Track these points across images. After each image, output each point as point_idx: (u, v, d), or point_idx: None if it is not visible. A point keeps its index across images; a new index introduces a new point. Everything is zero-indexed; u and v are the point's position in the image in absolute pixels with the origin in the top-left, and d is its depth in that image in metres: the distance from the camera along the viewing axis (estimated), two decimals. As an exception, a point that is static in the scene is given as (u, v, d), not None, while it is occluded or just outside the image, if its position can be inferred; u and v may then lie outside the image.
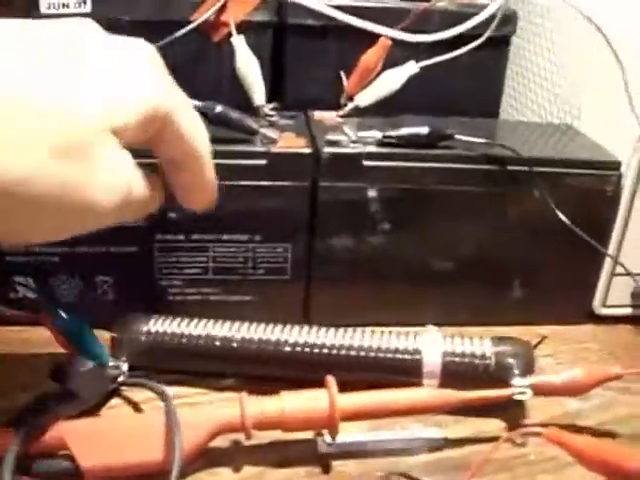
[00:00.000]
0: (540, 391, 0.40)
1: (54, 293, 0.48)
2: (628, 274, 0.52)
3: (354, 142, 0.48)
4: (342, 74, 0.52)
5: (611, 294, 0.54)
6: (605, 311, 0.54)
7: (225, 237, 0.48)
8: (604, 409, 0.43)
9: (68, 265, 0.47)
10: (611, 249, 0.52)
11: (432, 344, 0.42)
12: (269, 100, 0.53)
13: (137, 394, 0.41)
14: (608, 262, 0.53)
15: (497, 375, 0.41)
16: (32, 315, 0.40)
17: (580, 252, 0.51)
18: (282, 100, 0.55)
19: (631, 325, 0.54)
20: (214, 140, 0.43)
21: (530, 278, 0.52)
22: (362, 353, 0.42)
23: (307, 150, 0.47)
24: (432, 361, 0.41)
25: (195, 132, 0.37)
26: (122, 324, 0.43)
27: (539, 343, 0.45)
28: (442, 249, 0.50)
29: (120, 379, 0.41)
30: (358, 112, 0.53)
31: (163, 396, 0.38)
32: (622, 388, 0.44)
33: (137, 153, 0.34)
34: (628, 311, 0.54)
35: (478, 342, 0.42)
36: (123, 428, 0.36)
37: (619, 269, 0.53)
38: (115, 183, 0.32)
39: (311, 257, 0.49)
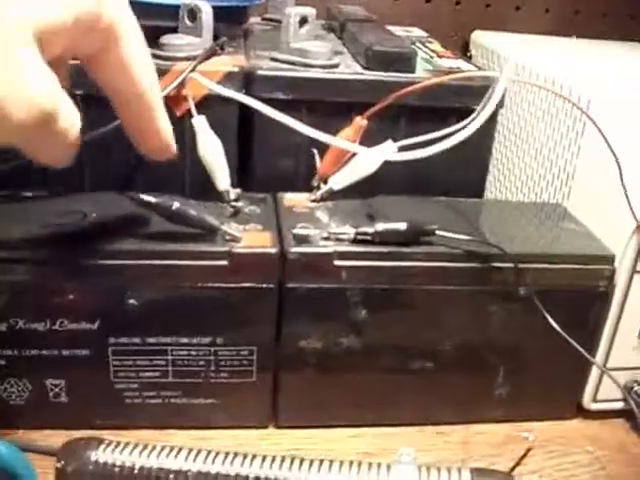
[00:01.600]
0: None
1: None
2: (619, 369, 0.50)
3: (325, 238, 0.45)
4: (315, 153, 0.50)
5: (601, 388, 0.52)
6: (595, 406, 0.52)
7: (185, 340, 0.45)
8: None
9: (17, 368, 0.44)
10: (602, 346, 0.50)
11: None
12: (238, 177, 0.50)
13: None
14: (598, 358, 0.50)
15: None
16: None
17: (569, 349, 0.48)
18: (251, 177, 0.52)
19: (622, 419, 0.52)
20: (173, 237, 0.41)
21: (515, 375, 0.49)
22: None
23: (272, 250, 0.44)
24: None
25: (142, 61, 0.34)
26: (68, 451, 0.40)
27: (523, 457, 0.43)
28: (421, 348, 0.47)
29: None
30: (332, 195, 0.50)
31: None
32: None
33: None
34: (619, 405, 0.52)
35: (456, 476, 0.39)
36: None
37: (611, 363, 0.51)
38: (36, 97, 0.28)
39: (278, 360, 0.46)
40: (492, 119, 0.52)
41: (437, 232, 0.45)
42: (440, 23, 0.72)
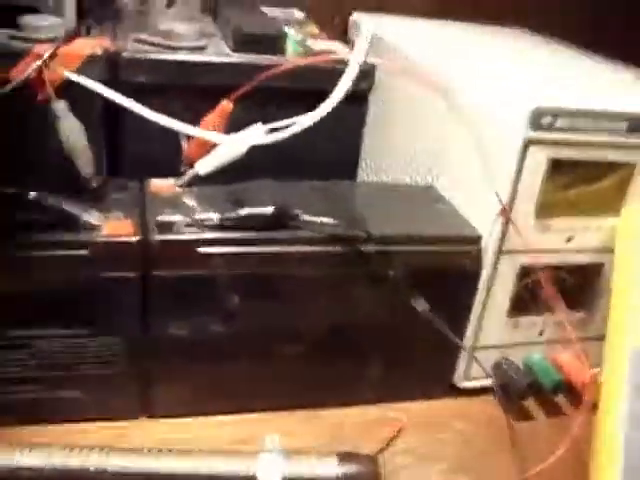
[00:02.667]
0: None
1: None
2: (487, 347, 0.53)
3: (189, 225, 0.45)
4: (182, 138, 0.49)
5: (473, 367, 0.54)
6: (467, 384, 0.54)
7: (49, 332, 0.45)
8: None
9: None
10: (472, 325, 0.52)
11: (270, 468, 0.40)
12: (108, 162, 0.50)
13: None
14: (469, 337, 0.52)
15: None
16: None
17: (436, 328, 0.50)
18: (121, 163, 0.52)
19: (490, 396, 0.54)
20: (30, 227, 0.41)
21: (387, 357, 0.51)
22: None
23: (134, 238, 0.44)
24: (268, 486, 0.39)
25: None
26: None
27: (392, 438, 0.45)
28: (290, 333, 0.48)
29: None
30: (200, 179, 0.50)
31: None
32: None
33: None
34: (488, 382, 0.54)
35: (322, 462, 0.40)
36: None
37: (482, 341, 0.53)
38: None
39: (146, 349, 0.46)
40: (361, 101, 0.53)
41: (302, 217, 0.46)
42: (322, 4, 0.72)
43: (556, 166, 0.48)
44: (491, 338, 0.53)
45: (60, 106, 0.46)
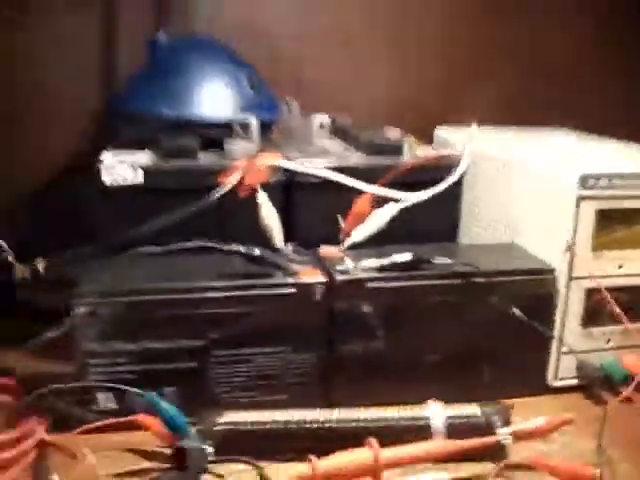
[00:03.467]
0: (518, 436, 0.59)
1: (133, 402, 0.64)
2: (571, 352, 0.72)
3: (357, 270, 0.67)
4: (339, 217, 0.72)
5: (560, 369, 0.73)
6: (557, 383, 0.74)
7: (265, 350, 0.66)
8: (564, 447, 0.62)
9: (142, 380, 0.64)
10: (556, 334, 0.72)
11: (436, 412, 0.60)
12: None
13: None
14: (556, 343, 0.72)
15: (486, 428, 0.59)
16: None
17: (532, 340, 0.70)
18: (293, 240, 0.74)
19: (579, 393, 0.73)
20: (255, 276, 0.63)
21: (496, 364, 0.70)
22: (390, 423, 0.60)
23: (323, 279, 0.66)
24: (438, 424, 0.59)
25: None
26: (202, 419, 0.60)
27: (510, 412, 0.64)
28: (429, 346, 0.69)
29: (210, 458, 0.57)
30: (354, 246, 0.72)
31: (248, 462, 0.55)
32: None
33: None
34: (575, 382, 0.74)
35: (470, 407, 0.61)
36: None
37: (565, 348, 0.73)
38: None
39: (330, 362, 0.67)
40: (458, 184, 0.76)
41: (432, 260, 0.68)
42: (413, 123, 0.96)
43: (603, 215, 0.70)
44: (572, 345, 0.73)
45: (263, 196, 0.69)
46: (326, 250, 0.72)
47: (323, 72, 1.01)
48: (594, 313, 0.73)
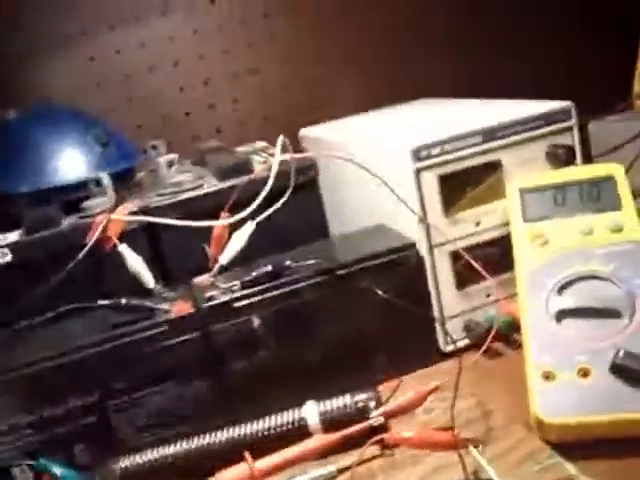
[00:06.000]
0: (391, 414, 0.63)
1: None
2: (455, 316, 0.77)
3: (224, 293, 0.71)
4: (205, 246, 0.76)
5: (450, 334, 0.77)
6: (450, 348, 0.78)
7: (156, 388, 0.70)
8: (445, 413, 0.66)
9: (50, 446, 0.68)
10: (434, 302, 0.76)
11: (311, 411, 0.64)
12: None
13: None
14: (437, 311, 0.76)
15: (359, 414, 0.64)
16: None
17: (413, 315, 0.74)
18: (169, 276, 0.78)
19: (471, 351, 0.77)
20: (127, 323, 0.67)
21: (386, 348, 0.74)
22: (270, 432, 0.64)
23: (192, 310, 0.70)
24: (314, 422, 0.64)
25: None
26: (100, 469, 0.64)
27: (395, 390, 0.68)
28: (314, 347, 0.73)
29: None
30: (224, 269, 0.76)
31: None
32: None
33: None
34: (466, 341, 0.78)
35: (342, 398, 0.65)
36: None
37: (448, 312, 0.77)
38: None
39: (219, 385, 0.71)
40: (313, 186, 0.81)
41: (292, 265, 0.72)
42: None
43: (446, 178, 0.74)
44: (453, 309, 0.77)
45: (124, 247, 0.74)
46: (199, 280, 0.76)
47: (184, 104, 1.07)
48: (467, 273, 0.77)
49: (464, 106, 0.93)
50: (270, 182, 0.72)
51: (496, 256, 0.77)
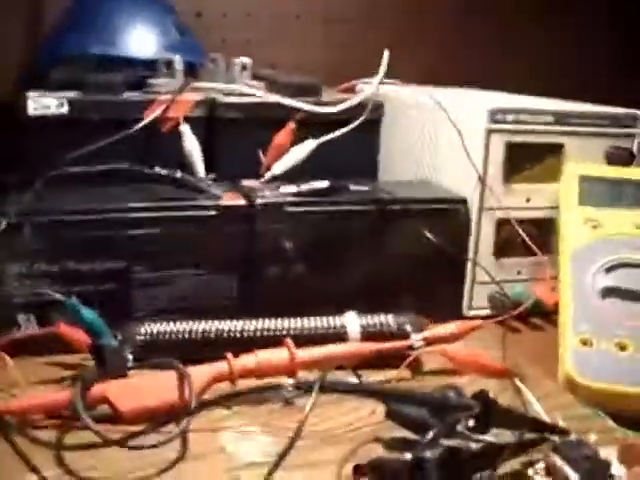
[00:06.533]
0: (430, 341, 0.63)
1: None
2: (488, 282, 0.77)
3: (276, 196, 0.71)
4: (260, 152, 0.76)
5: (474, 299, 0.78)
6: (471, 313, 0.78)
7: (186, 272, 0.68)
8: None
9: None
10: (469, 264, 0.77)
11: (352, 320, 0.64)
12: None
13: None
14: (469, 274, 0.77)
15: (399, 334, 0.63)
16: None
17: (447, 269, 0.75)
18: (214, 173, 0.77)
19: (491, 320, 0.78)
20: (176, 198, 0.66)
21: (412, 291, 0.74)
22: (308, 331, 0.63)
23: (244, 202, 0.69)
24: (354, 330, 0.63)
25: None
26: (123, 330, 0.62)
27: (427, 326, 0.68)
28: (347, 272, 0.72)
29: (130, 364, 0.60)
30: (274, 180, 0.75)
31: (171, 363, 0.57)
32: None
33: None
34: (487, 312, 0.78)
35: (384, 316, 0.65)
36: (147, 381, 0.55)
37: (477, 278, 0.77)
38: None
39: (250, 285, 0.70)
40: (376, 123, 0.81)
41: (349, 187, 0.72)
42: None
43: (512, 148, 0.76)
44: (484, 276, 0.77)
45: (186, 129, 0.73)
46: (247, 183, 0.75)
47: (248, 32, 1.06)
48: (505, 245, 0.78)
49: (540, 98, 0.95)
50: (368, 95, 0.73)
51: (535, 237, 0.78)
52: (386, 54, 0.75)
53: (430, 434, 0.47)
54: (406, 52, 1.14)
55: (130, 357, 0.60)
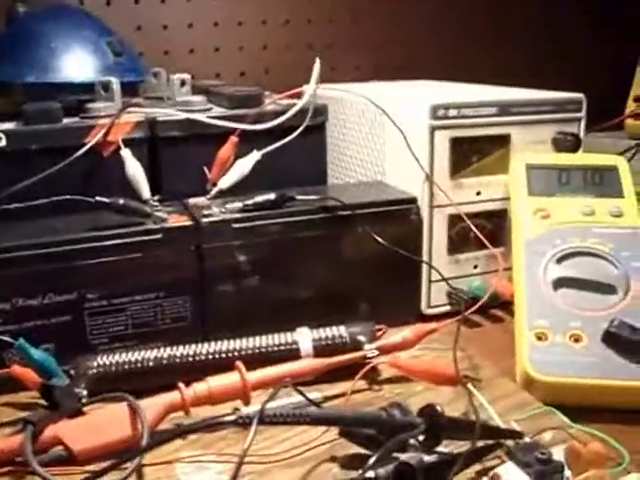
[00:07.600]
0: (385, 350, 0.62)
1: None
2: (442, 280, 0.77)
3: (223, 212, 0.70)
4: (205, 168, 0.75)
5: (432, 297, 0.78)
6: (430, 311, 0.78)
7: (138, 297, 0.68)
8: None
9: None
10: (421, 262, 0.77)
11: (304, 335, 0.63)
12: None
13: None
14: (425, 273, 0.77)
15: (353, 346, 0.63)
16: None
17: (402, 270, 0.75)
18: (160, 194, 0.77)
19: (450, 318, 0.78)
20: (122, 225, 0.65)
21: (369, 296, 0.74)
22: (261, 350, 0.63)
23: (190, 222, 0.68)
24: (306, 346, 0.63)
25: None
26: (77, 363, 0.62)
27: (383, 334, 0.68)
28: (301, 282, 0.72)
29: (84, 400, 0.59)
30: (221, 195, 0.75)
31: (123, 397, 0.57)
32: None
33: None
34: (447, 308, 0.78)
35: (337, 329, 0.64)
36: (100, 417, 0.55)
37: (434, 276, 0.77)
38: None
39: (203, 304, 0.70)
40: (321, 131, 0.81)
41: (296, 197, 0.72)
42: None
43: (457, 142, 0.75)
44: (439, 273, 0.78)
45: (126, 152, 0.72)
46: (194, 201, 0.75)
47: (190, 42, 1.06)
48: (460, 240, 0.78)
49: (486, 87, 0.95)
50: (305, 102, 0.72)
51: (487, 230, 0.78)
52: (317, 62, 0.75)
53: (381, 451, 0.47)
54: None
55: (84, 392, 0.60)
